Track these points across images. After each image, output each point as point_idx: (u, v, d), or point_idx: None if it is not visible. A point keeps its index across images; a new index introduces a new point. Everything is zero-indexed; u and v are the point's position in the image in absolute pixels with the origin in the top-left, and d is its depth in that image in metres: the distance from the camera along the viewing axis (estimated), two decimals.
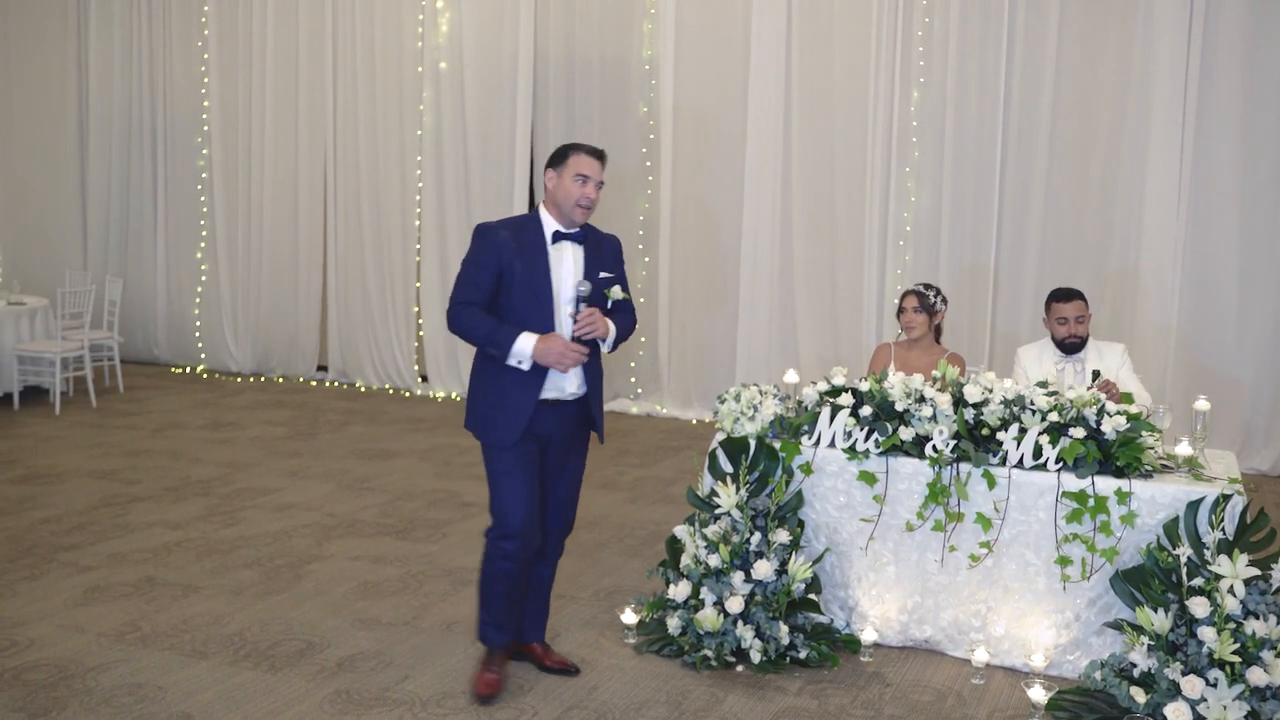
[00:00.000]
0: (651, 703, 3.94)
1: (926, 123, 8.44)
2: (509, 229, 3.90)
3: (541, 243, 3.89)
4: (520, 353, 3.76)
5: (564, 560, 5.41)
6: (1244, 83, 7.62)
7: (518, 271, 3.82)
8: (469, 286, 3.85)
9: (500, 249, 3.83)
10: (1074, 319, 5.30)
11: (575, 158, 3.90)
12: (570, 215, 3.89)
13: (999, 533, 4.23)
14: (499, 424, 3.85)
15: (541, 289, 3.85)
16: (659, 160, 9.28)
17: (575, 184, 3.88)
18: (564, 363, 3.77)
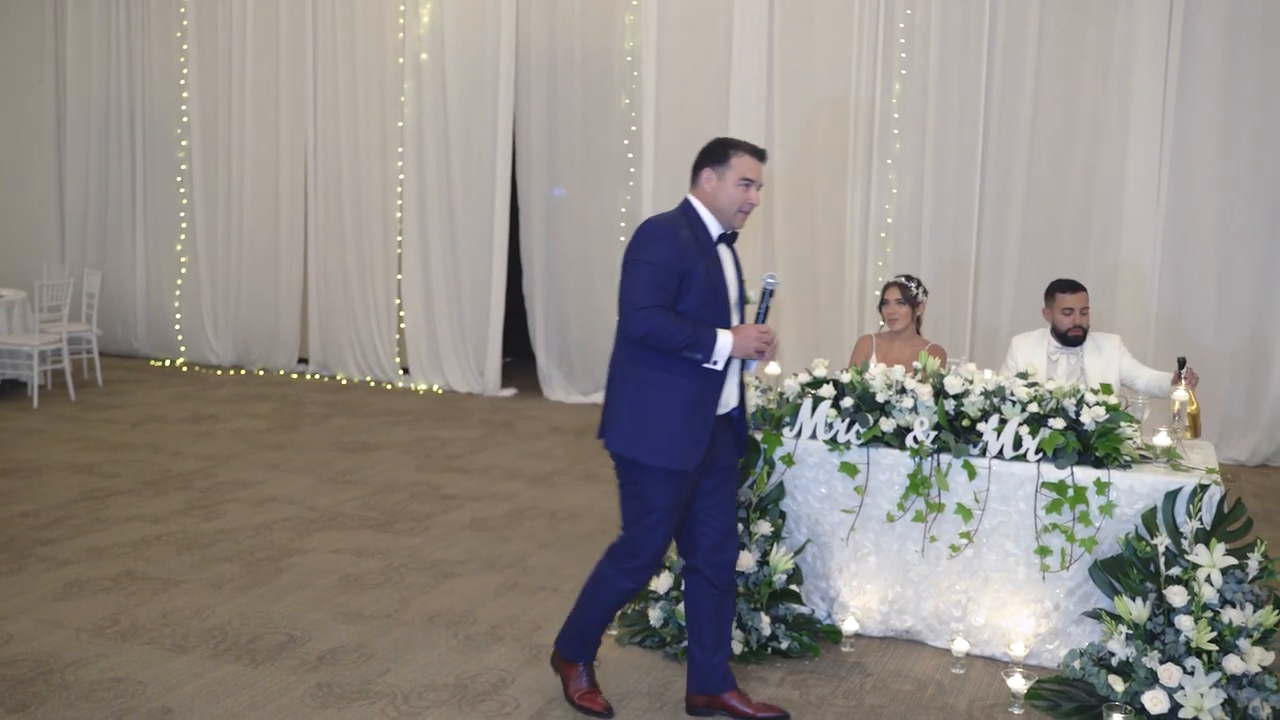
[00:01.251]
0: (633, 694, 3.95)
1: (908, 115, 8.45)
2: (685, 228, 3.58)
3: (712, 245, 3.63)
4: (722, 351, 3.49)
5: (545, 553, 5.47)
6: (1222, 75, 7.66)
7: (700, 275, 3.53)
8: (655, 289, 3.48)
9: (686, 250, 3.52)
10: (1079, 310, 5.33)
11: (739, 159, 3.59)
12: (731, 221, 3.64)
13: (979, 523, 4.25)
14: (675, 447, 3.52)
15: (721, 292, 3.59)
16: (641, 152, 9.27)
17: (739, 189, 3.59)
18: (760, 347, 3.53)
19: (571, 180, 9.68)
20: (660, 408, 3.53)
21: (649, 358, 3.54)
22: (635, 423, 3.57)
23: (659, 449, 3.53)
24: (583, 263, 9.70)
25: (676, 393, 3.52)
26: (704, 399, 3.55)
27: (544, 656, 4.22)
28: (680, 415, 3.52)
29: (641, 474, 3.57)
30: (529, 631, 4.48)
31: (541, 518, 6.09)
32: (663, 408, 3.53)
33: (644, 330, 3.46)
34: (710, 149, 3.65)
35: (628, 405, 3.59)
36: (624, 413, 3.60)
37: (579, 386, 9.80)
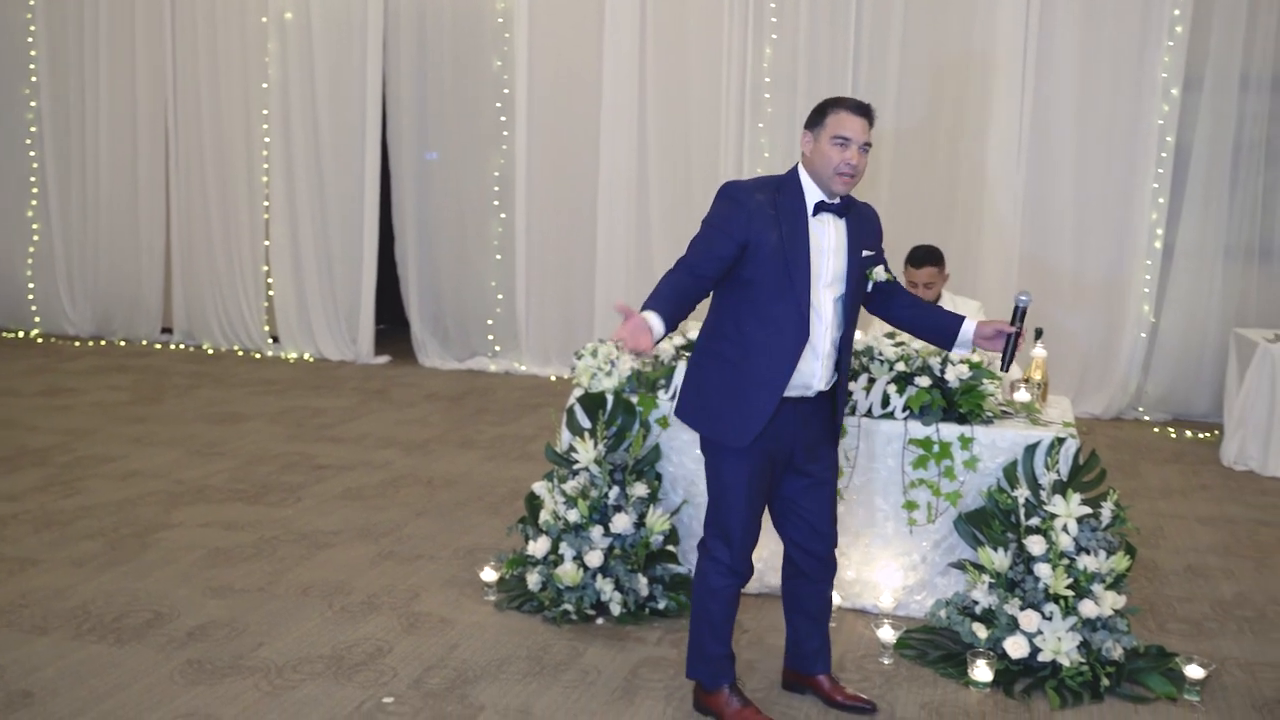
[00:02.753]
0: (512, 659, 3.95)
1: (779, 79, 8.53)
2: (765, 192, 3.32)
3: (803, 213, 3.32)
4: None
5: (421, 521, 5.42)
6: (1081, 28, 7.90)
7: (770, 244, 3.26)
8: (704, 254, 3.28)
9: (753, 217, 3.26)
10: (923, 285, 5.42)
11: (835, 116, 3.30)
12: (830, 185, 3.31)
13: (850, 480, 4.34)
14: (729, 421, 3.34)
15: (798, 267, 3.28)
16: (514, 115, 9.17)
17: (835, 148, 3.28)
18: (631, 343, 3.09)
19: (444, 143, 9.53)
20: (715, 378, 3.39)
21: (718, 326, 3.39)
22: (696, 393, 3.45)
23: (714, 422, 3.38)
24: (457, 227, 9.58)
25: (733, 364, 3.34)
26: (764, 375, 3.30)
27: (421, 625, 4.20)
28: (732, 388, 3.34)
29: (710, 449, 3.45)
30: (406, 600, 4.44)
31: (417, 485, 6.03)
32: (717, 379, 3.38)
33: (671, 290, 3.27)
34: (812, 111, 3.39)
35: (693, 375, 3.49)
36: (689, 382, 3.51)
37: (454, 353, 9.70)
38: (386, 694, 3.67)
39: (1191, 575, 4.98)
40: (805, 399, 3.39)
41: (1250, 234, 7.91)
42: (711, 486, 3.48)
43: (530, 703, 3.63)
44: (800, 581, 3.63)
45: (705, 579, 3.49)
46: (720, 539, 3.46)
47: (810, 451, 3.47)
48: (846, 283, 3.38)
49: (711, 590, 3.48)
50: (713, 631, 3.50)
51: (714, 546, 3.48)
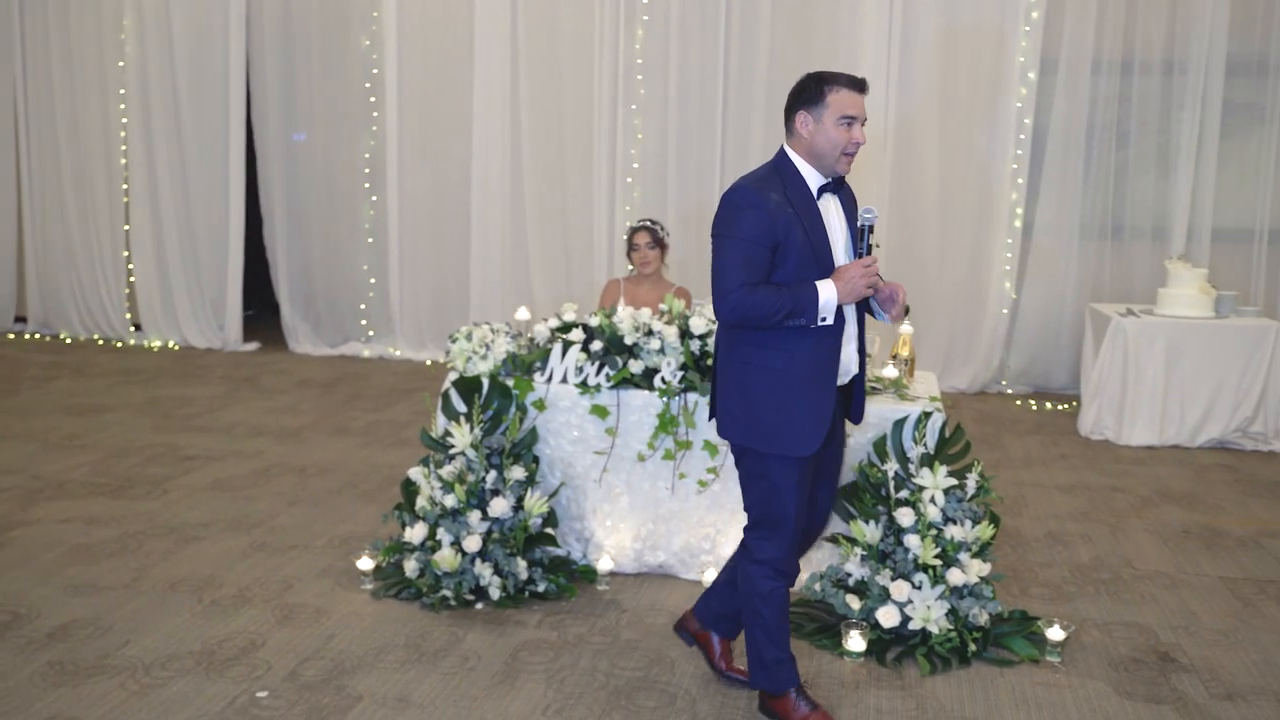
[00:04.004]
0: (390, 647, 3.91)
1: (651, 61, 8.55)
2: (777, 189, 3.17)
3: (810, 200, 3.21)
4: (828, 305, 3.11)
5: (295, 510, 5.31)
6: (942, 27, 8.12)
7: (797, 241, 3.14)
8: (746, 268, 3.11)
9: (776, 218, 3.12)
10: None
11: (836, 95, 3.15)
12: (834, 166, 3.21)
13: (725, 459, 4.40)
14: (794, 432, 3.19)
15: (824, 255, 3.18)
16: (384, 95, 9.02)
17: (840, 129, 3.16)
18: (864, 284, 3.14)
19: (312, 124, 9.32)
20: (769, 391, 3.21)
21: (752, 337, 3.21)
22: (747, 409, 3.24)
23: (776, 437, 3.21)
24: (327, 210, 9.39)
25: (785, 373, 3.19)
26: (819, 373, 3.21)
27: (296, 616, 4.12)
28: (794, 397, 3.19)
29: (763, 460, 3.26)
30: (279, 592, 4.35)
31: (290, 474, 5.91)
32: (772, 391, 3.20)
33: (737, 315, 3.13)
34: (801, 87, 3.22)
35: (735, 391, 3.27)
36: (733, 399, 3.28)
37: (326, 338, 9.52)
38: (260, 688, 3.59)
39: (1051, 541, 5.18)
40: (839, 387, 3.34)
41: (1104, 212, 8.23)
42: (757, 489, 3.31)
43: (409, 691, 3.60)
44: None
45: (753, 584, 3.34)
46: (768, 541, 3.31)
47: (833, 440, 3.42)
48: (852, 255, 3.30)
49: (761, 595, 3.33)
50: (768, 637, 3.36)
51: (759, 549, 3.33)
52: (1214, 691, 3.73)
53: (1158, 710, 3.59)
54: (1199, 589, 4.65)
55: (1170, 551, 5.09)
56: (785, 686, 3.40)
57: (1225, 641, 4.13)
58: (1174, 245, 8.04)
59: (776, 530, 3.30)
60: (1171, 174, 8.08)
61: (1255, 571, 4.87)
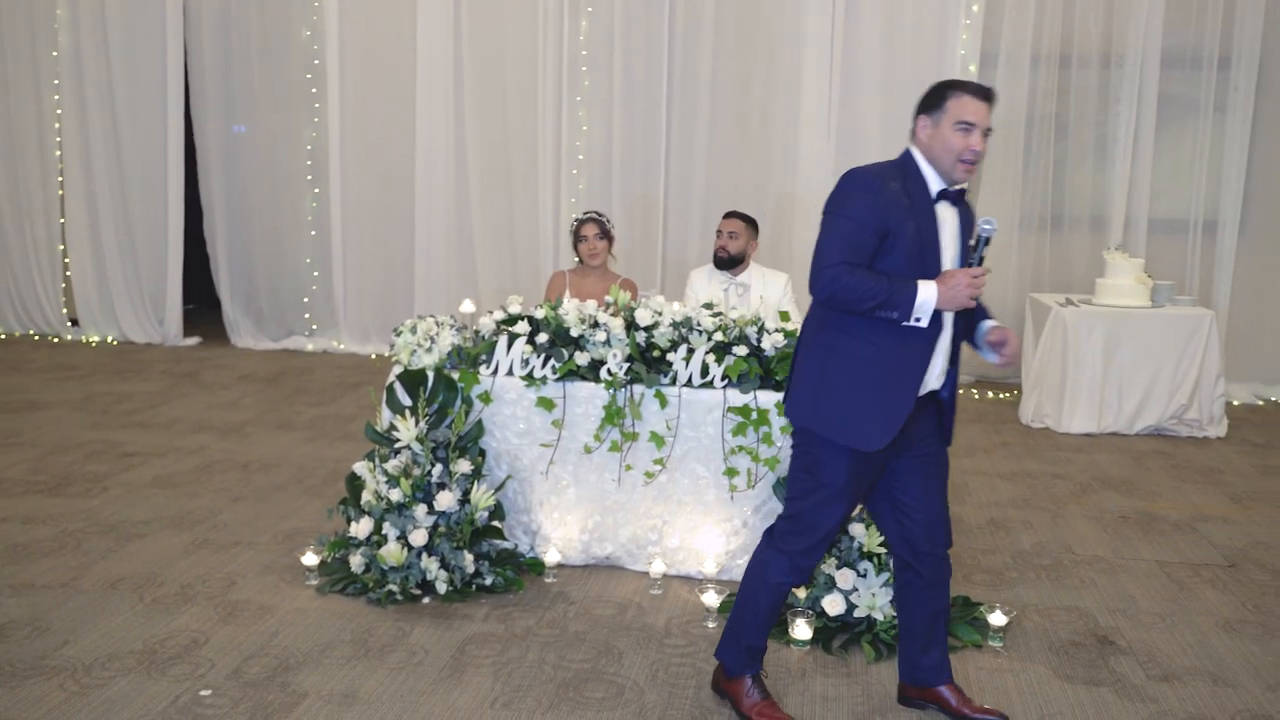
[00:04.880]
0: (336, 643, 3.88)
1: (595, 53, 8.54)
2: (896, 179, 3.11)
3: (928, 200, 3.13)
4: (924, 306, 3.02)
5: (238, 506, 5.25)
6: (885, 20, 8.19)
7: (908, 234, 3.07)
8: (849, 248, 3.06)
9: (890, 206, 3.06)
10: (726, 233, 5.74)
11: (956, 100, 3.08)
12: (950, 173, 3.12)
13: (671, 449, 4.41)
14: (860, 424, 3.12)
15: (932, 256, 3.10)
16: (325, 87, 8.94)
17: (957, 134, 3.07)
18: (973, 293, 3.05)
19: (252, 116, 9.21)
20: (846, 378, 3.14)
21: (841, 321, 3.13)
22: (816, 392, 3.18)
23: (840, 424, 3.14)
24: (269, 202, 9.29)
25: (866, 363, 3.12)
26: (901, 371, 3.13)
27: (240, 613, 4.07)
28: (869, 389, 3.12)
29: (819, 447, 3.19)
30: (222, 589, 4.30)
31: (233, 470, 5.84)
32: (849, 378, 3.14)
33: (830, 290, 3.05)
34: (928, 93, 3.17)
35: (812, 373, 3.20)
36: (807, 381, 3.21)
37: (269, 333, 9.42)
38: (204, 686, 3.55)
39: (994, 528, 5.25)
40: (925, 395, 3.23)
41: (1043, 204, 8.35)
42: (801, 482, 3.26)
43: (355, 686, 3.58)
44: (921, 593, 3.40)
45: (764, 570, 3.32)
46: (796, 535, 3.26)
47: (917, 447, 3.27)
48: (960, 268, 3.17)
49: (767, 584, 3.32)
50: (754, 623, 3.36)
51: (786, 541, 3.28)
52: (1151, 673, 3.81)
53: (1097, 692, 3.66)
54: (1136, 573, 4.74)
55: (1108, 537, 5.19)
56: (745, 671, 3.43)
57: (1162, 624, 4.21)
58: (1112, 236, 8.17)
59: (809, 530, 3.25)
60: (1109, 166, 8.21)
61: (1190, 555, 4.97)
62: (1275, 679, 3.78)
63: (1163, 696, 3.64)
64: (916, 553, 3.35)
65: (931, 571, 3.36)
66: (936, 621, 3.43)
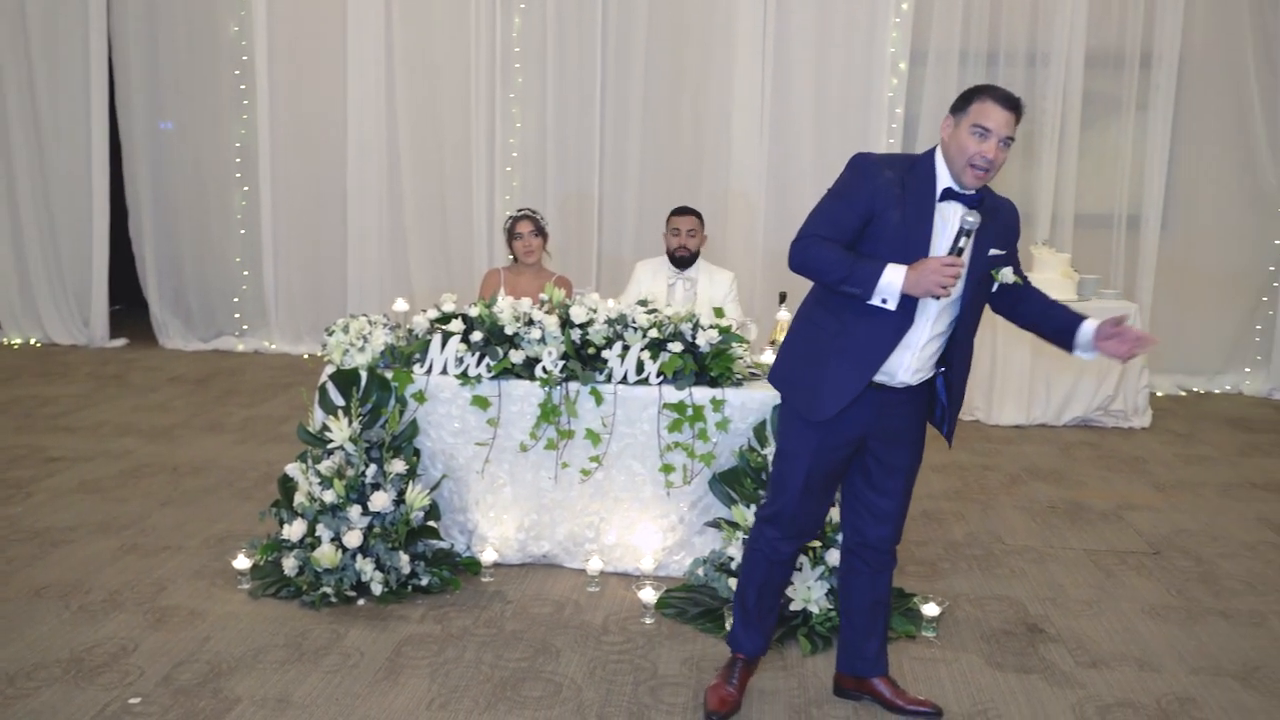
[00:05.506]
0: (269, 647, 3.83)
1: (529, 50, 8.51)
2: (895, 169, 3.15)
3: (929, 196, 3.13)
4: (888, 288, 3.04)
5: (167, 510, 5.16)
6: (816, 17, 8.25)
7: (892, 223, 3.10)
8: (828, 223, 3.15)
9: (878, 192, 3.11)
10: (685, 231, 5.74)
11: (978, 104, 3.07)
12: (960, 175, 3.10)
13: (607, 447, 4.41)
14: (809, 393, 3.22)
15: (916, 251, 3.09)
16: (254, 83, 8.80)
17: (971, 138, 3.06)
18: (935, 281, 3.00)
19: (179, 112, 9.05)
20: (810, 349, 3.25)
21: (825, 296, 3.23)
22: (786, 360, 3.34)
23: (792, 390, 3.29)
24: (197, 201, 9.13)
25: (831, 337, 3.19)
26: (860, 353, 3.15)
27: (169, 619, 4.01)
28: (825, 362, 3.19)
29: (784, 417, 3.36)
30: (152, 595, 4.22)
31: (161, 474, 5.74)
32: (812, 350, 3.24)
33: (800, 259, 3.16)
34: (960, 95, 3.18)
35: (790, 341, 3.35)
36: (785, 348, 3.37)
37: (198, 333, 9.27)
38: (133, 694, 3.48)
39: (926, 520, 5.33)
40: (890, 388, 3.24)
41: None
42: (777, 452, 3.41)
43: (289, 691, 3.53)
44: (860, 578, 3.47)
45: (753, 547, 3.47)
46: (770, 503, 3.40)
47: (890, 441, 3.31)
48: (965, 280, 3.15)
49: (755, 560, 3.46)
50: (748, 599, 3.50)
51: (763, 519, 3.43)
52: (1079, 660, 3.88)
53: (1027, 680, 3.72)
54: (1065, 562, 4.83)
55: (1038, 526, 5.28)
56: (736, 647, 3.55)
57: (1089, 611, 4.30)
58: (1039, 231, 8.31)
59: (774, 497, 3.38)
60: (1036, 163, 8.35)
61: (1116, 543, 5.08)
62: (1198, 663, 3.88)
63: (1091, 682, 3.72)
64: (863, 542, 3.43)
65: (873, 562, 3.45)
66: (876, 611, 3.49)
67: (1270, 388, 8.40)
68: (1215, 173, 8.35)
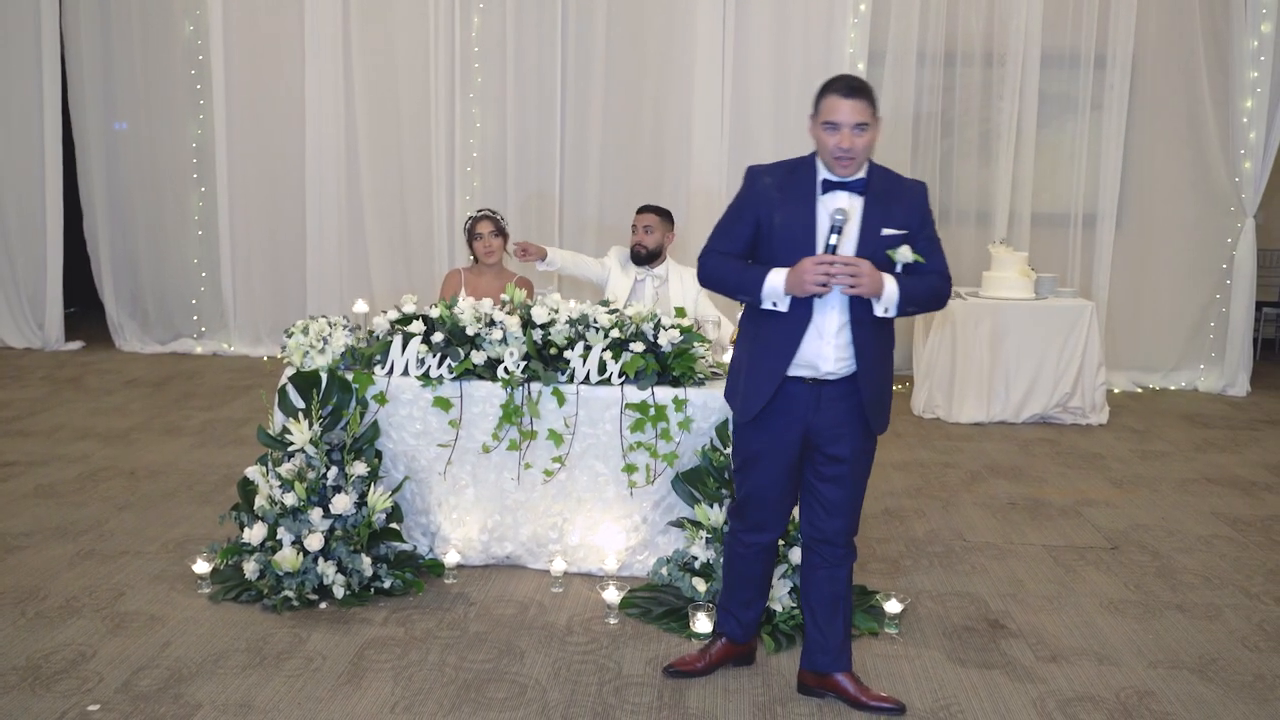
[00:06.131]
0: (230, 652, 3.79)
1: (488, 50, 8.49)
2: (775, 174, 3.33)
3: (810, 191, 3.27)
4: (773, 291, 3.21)
5: (125, 515, 5.10)
6: (774, 18, 8.29)
7: (775, 224, 3.26)
8: (723, 235, 3.38)
9: (759, 198, 3.31)
10: (642, 228, 5.72)
11: (824, 102, 3.20)
12: (832, 168, 3.25)
13: (570, 447, 4.41)
14: (738, 396, 3.41)
15: (802, 249, 3.21)
16: (210, 83, 8.73)
17: (826, 133, 3.20)
18: (810, 280, 3.12)
19: (134, 112, 8.95)
20: (739, 354, 3.47)
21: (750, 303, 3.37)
22: (731, 365, 3.57)
23: (732, 393, 3.50)
24: (153, 202, 9.04)
25: (750, 341, 3.40)
26: (770, 353, 3.30)
27: (128, 625, 3.96)
28: (747, 365, 3.39)
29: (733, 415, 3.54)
30: (110, 600, 4.17)
31: (119, 478, 5.67)
32: (741, 354, 3.46)
33: (703, 274, 3.40)
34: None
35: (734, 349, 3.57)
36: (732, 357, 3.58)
37: (155, 335, 9.17)
38: (91, 702, 3.44)
39: (888, 518, 5.36)
40: (821, 381, 3.31)
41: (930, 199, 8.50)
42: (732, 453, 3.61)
43: (251, 696, 3.50)
44: (819, 571, 3.49)
45: (727, 542, 3.68)
46: (733, 504, 3.63)
47: (831, 435, 3.35)
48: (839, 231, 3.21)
49: (730, 554, 3.67)
50: (726, 588, 3.73)
51: (729, 513, 3.68)
52: (1040, 654, 3.92)
53: (989, 675, 3.76)
54: (1025, 558, 4.88)
55: (998, 523, 5.33)
56: (722, 628, 3.74)
57: (1050, 607, 4.35)
58: (996, 230, 8.39)
59: (737, 489, 3.58)
60: (993, 162, 8.43)
61: (1075, 539, 5.14)
62: (1156, 656, 3.93)
63: (1051, 677, 3.76)
64: (818, 536, 3.46)
65: (829, 556, 3.47)
66: (837, 607, 3.51)
67: (1224, 384, 8.52)
68: (1169, 171, 8.46)
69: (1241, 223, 8.37)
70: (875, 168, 3.32)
